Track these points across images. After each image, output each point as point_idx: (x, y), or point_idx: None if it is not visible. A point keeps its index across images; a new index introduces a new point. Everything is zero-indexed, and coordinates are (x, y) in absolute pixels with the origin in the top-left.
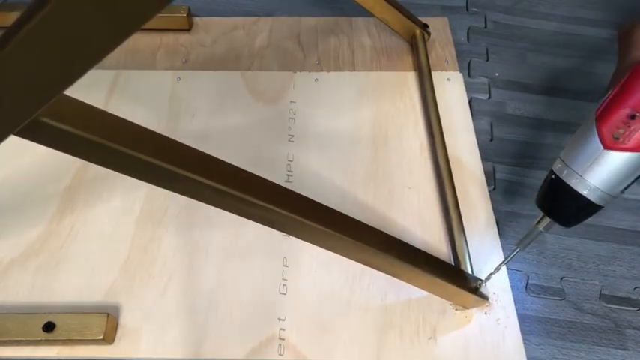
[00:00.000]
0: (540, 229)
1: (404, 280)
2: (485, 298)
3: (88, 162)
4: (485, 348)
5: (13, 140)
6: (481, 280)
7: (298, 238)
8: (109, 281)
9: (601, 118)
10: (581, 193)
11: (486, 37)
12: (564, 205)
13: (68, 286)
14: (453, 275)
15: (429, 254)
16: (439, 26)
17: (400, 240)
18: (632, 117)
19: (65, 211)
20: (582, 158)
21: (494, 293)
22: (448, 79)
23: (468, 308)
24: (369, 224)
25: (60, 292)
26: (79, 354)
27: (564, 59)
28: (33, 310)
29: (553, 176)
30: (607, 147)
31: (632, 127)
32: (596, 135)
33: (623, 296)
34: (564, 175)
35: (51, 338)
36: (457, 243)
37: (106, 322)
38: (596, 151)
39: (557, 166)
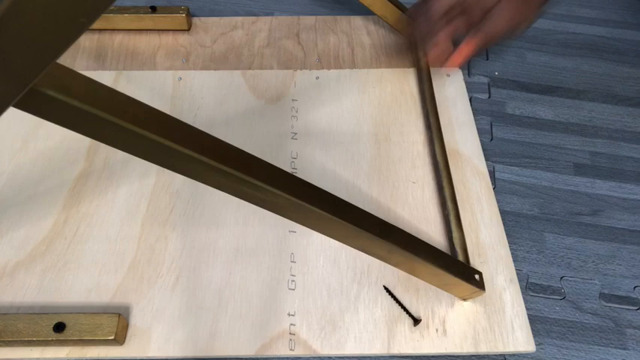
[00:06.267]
0: None
1: (402, 269)
2: (482, 288)
3: (97, 141)
4: (494, 339)
5: (14, 141)
6: (478, 271)
7: (301, 223)
8: (117, 281)
9: None
10: None
11: None
12: None
13: (76, 287)
14: (450, 265)
15: (427, 243)
16: None
17: (399, 228)
18: None
19: (70, 212)
20: None
21: (502, 286)
22: (448, 75)
23: (466, 299)
24: None
25: (68, 293)
26: (89, 354)
27: (564, 58)
28: (41, 311)
29: None
30: None
31: None
32: None
33: (622, 295)
34: None
35: (62, 338)
36: (454, 235)
37: (117, 323)
38: None
39: None
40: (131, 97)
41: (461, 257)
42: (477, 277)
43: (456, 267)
